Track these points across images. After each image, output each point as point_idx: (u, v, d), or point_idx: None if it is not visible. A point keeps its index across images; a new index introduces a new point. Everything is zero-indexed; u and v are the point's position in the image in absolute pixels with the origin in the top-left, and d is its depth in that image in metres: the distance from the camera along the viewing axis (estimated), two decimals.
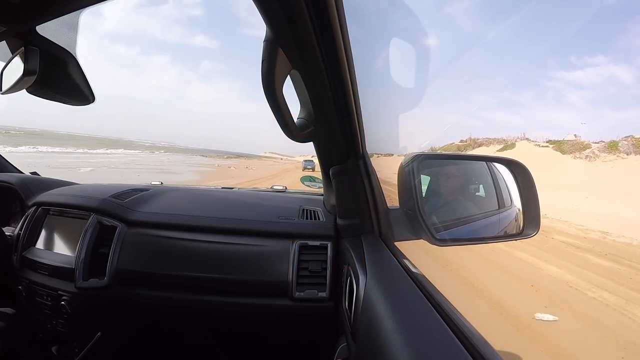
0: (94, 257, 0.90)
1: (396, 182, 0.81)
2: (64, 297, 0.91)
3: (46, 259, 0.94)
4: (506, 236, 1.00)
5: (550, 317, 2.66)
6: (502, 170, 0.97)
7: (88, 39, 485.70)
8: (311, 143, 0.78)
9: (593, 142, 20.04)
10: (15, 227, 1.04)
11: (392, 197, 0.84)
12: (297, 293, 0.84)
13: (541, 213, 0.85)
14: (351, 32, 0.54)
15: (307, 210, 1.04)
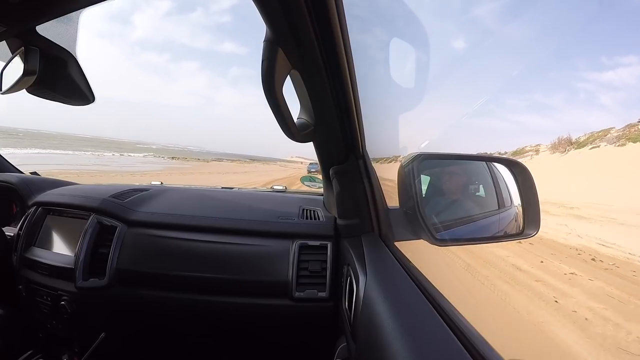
0: (94, 257, 0.90)
1: None
2: (64, 297, 0.91)
3: (46, 259, 0.94)
4: (506, 236, 1.00)
5: None
6: (502, 170, 0.97)
7: (118, 46, 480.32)
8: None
9: None
10: (15, 227, 1.04)
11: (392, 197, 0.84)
12: (297, 293, 0.84)
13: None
14: (351, 32, 0.54)
15: (307, 210, 1.04)
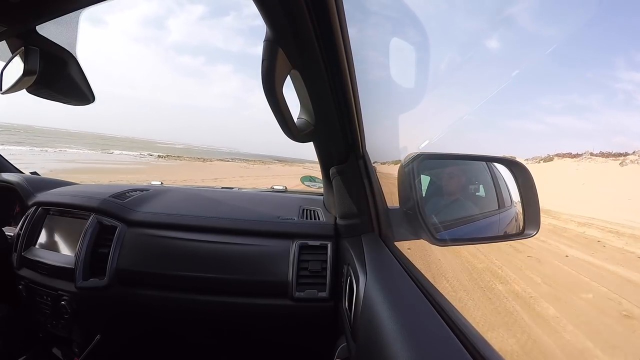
0: (94, 257, 0.90)
1: None
2: (64, 297, 0.91)
3: (46, 259, 0.94)
4: (506, 236, 1.00)
5: None
6: (502, 170, 0.97)
7: (154, 50, 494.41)
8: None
9: None
10: (15, 227, 1.04)
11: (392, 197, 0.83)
12: (297, 293, 0.84)
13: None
14: (351, 32, 0.54)
15: (307, 210, 1.04)
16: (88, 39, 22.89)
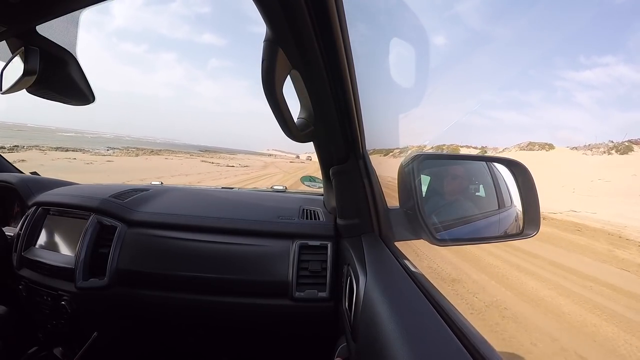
0: (94, 257, 0.90)
1: None
2: (64, 297, 0.91)
3: (46, 259, 0.94)
4: (506, 236, 1.00)
5: None
6: (502, 170, 0.97)
7: (95, 36, 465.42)
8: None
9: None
10: (15, 227, 1.04)
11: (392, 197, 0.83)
12: (297, 293, 0.84)
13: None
14: (351, 32, 0.54)
15: (307, 210, 1.04)
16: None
